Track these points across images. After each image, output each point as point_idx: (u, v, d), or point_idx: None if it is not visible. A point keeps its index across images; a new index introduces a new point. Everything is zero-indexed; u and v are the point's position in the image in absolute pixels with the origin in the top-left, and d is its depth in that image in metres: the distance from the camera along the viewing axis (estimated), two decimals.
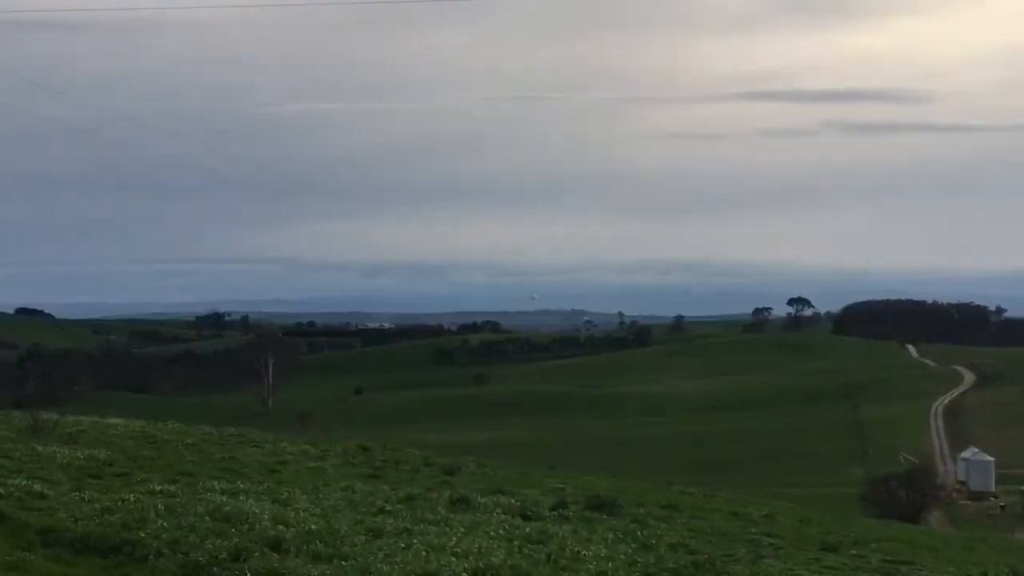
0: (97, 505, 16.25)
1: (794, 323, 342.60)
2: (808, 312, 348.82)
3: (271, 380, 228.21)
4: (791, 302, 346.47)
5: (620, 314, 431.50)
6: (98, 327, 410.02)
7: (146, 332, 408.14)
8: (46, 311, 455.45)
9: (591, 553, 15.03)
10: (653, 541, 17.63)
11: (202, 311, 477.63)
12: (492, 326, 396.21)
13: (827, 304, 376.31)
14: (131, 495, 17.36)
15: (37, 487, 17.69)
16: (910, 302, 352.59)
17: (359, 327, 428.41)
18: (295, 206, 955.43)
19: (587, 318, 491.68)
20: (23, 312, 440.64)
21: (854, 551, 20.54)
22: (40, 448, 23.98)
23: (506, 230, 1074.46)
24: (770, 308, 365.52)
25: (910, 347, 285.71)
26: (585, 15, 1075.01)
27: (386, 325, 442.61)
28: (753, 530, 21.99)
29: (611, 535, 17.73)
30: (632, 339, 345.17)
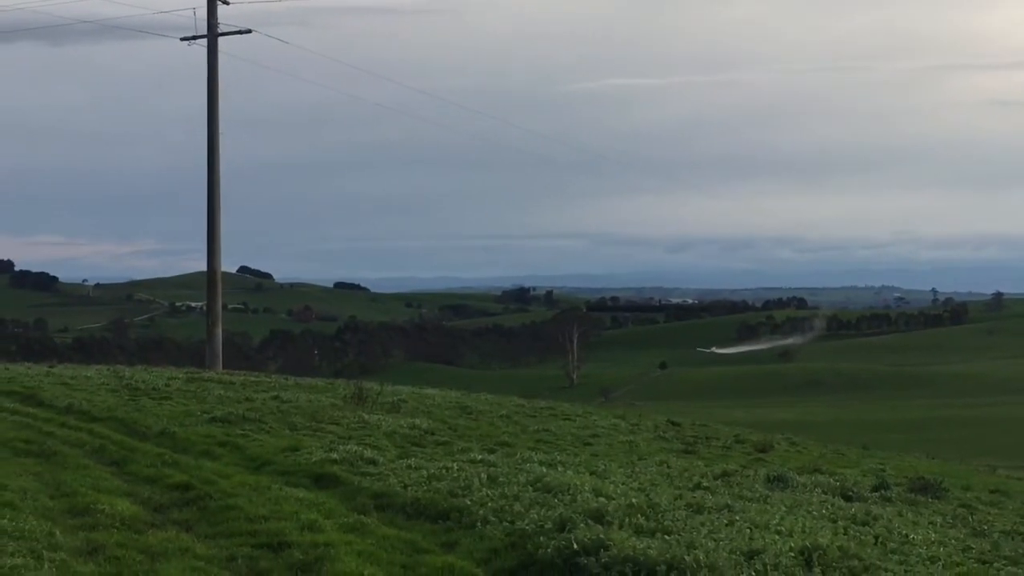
0: (423, 472, 16.79)
1: None
2: None
3: (575, 354, 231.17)
4: None
5: (933, 290, 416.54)
6: (410, 300, 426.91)
7: (454, 306, 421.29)
8: (362, 285, 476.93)
9: (920, 537, 14.43)
10: (984, 527, 16.81)
11: (508, 285, 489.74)
12: (798, 302, 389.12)
13: None
14: (453, 463, 17.86)
15: (368, 453, 18.48)
16: None
17: (662, 302, 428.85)
18: (600, 181, 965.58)
19: (898, 294, 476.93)
20: (341, 286, 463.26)
21: None
22: (366, 416, 25.05)
23: (813, 204, 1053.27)
24: None
25: None
26: None
27: (690, 300, 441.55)
28: None
29: (939, 519, 17.03)
30: (947, 317, 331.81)
